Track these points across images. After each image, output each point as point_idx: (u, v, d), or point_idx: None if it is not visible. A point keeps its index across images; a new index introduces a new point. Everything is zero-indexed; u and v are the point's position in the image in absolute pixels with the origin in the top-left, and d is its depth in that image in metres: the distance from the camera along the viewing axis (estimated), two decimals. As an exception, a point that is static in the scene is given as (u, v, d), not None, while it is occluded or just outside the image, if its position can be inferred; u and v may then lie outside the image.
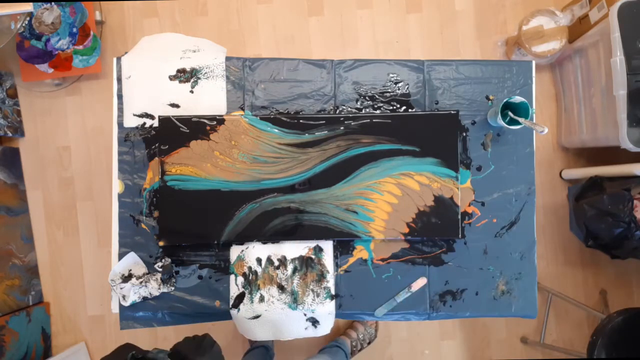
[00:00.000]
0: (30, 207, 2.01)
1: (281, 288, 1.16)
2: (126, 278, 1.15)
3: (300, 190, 1.16)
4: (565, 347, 1.92)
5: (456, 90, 1.21)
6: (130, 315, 1.17)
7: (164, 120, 1.16)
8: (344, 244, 1.19)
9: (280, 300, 1.16)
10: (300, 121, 1.16)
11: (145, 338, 2.00)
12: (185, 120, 1.16)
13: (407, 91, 1.21)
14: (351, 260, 1.18)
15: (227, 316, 1.18)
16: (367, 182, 1.16)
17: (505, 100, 1.09)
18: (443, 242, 1.19)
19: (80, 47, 1.88)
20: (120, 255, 1.17)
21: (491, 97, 1.21)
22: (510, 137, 1.21)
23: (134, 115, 1.19)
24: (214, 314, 1.17)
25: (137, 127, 1.19)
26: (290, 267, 1.17)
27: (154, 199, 1.18)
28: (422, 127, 1.17)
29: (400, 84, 1.21)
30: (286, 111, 1.20)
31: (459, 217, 1.16)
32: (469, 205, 1.20)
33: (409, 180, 1.16)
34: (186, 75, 1.20)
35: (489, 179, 1.20)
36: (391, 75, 1.21)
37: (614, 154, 1.77)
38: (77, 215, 2.02)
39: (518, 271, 1.19)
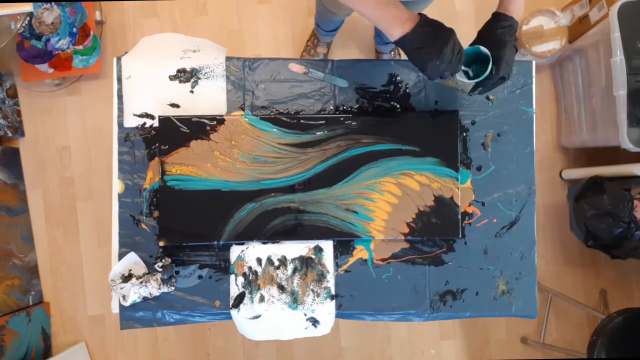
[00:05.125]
0: (30, 207, 2.01)
1: (281, 288, 1.16)
2: (126, 278, 1.15)
3: (300, 190, 1.15)
4: (565, 347, 1.92)
5: (456, 90, 1.21)
6: (130, 315, 1.17)
7: (164, 120, 1.16)
8: (344, 244, 1.18)
9: (281, 300, 1.16)
10: (301, 121, 1.16)
11: (145, 338, 2.00)
12: (185, 120, 1.16)
13: (407, 91, 1.21)
14: (351, 260, 1.18)
15: (227, 316, 1.18)
16: (367, 182, 1.16)
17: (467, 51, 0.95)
18: (443, 242, 1.19)
19: (80, 47, 1.88)
20: (120, 255, 1.17)
21: (491, 97, 1.21)
22: (511, 137, 1.20)
23: (134, 115, 1.19)
24: (214, 314, 1.17)
25: (137, 127, 1.19)
26: (290, 267, 1.17)
27: (154, 199, 1.18)
28: (422, 127, 1.17)
29: (400, 84, 1.21)
30: (286, 111, 1.20)
31: (459, 217, 1.16)
32: (469, 205, 1.20)
33: (409, 180, 1.16)
34: (186, 75, 1.20)
35: (489, 179, 1.20)
36: (391, 75, 1.21)
37: (614, 154, 1.77)
38: (77, 215, 2.02)
39: (518, 271, 1.19)
